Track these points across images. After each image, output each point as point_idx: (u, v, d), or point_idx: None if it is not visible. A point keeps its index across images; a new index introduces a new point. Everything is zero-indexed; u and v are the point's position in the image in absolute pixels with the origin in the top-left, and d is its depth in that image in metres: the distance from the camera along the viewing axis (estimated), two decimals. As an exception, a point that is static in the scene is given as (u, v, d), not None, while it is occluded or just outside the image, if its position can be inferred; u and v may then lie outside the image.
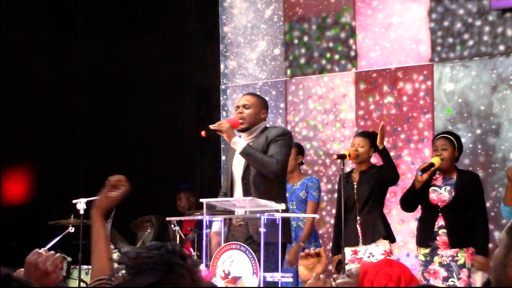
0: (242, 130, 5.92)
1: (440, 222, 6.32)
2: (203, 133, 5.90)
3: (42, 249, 2.68)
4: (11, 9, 10.17)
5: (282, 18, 9.33)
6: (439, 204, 6.36)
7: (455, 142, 6.46)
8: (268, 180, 5.75)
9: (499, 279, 2.41)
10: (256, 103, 5.97)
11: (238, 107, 5.98)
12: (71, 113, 10.63)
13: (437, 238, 6.31)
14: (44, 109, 10.27)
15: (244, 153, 5.73)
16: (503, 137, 8.06)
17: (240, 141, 5.76)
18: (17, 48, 10.16)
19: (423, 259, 6.39)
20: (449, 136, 6.51)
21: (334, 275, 2.93)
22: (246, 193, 5.73)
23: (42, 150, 10.20)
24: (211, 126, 5.78)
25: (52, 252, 2.70)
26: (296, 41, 9.24)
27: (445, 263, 6.28)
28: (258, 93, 9.36)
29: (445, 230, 6.30)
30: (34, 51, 10.37)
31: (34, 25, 10.63)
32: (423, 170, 6.30)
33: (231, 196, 5.83)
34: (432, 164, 6.33)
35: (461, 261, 6.26)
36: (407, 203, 6.62)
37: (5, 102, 9.86)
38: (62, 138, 10.48)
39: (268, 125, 6.13)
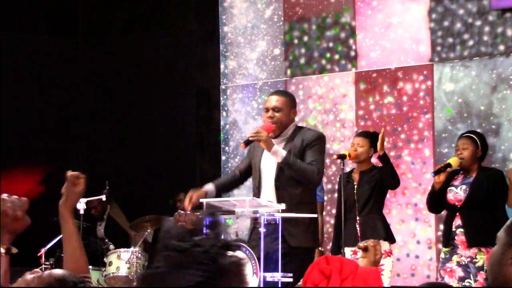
0: (275, 136, 5.74)
1: (458, 221, 6.28)
2: (242, 145, 5.70)
3: (4, 194, 2.64)
4: (11, 9, 10.17)
5: (282, 18, 9.33)
6: (456, 203, 6.33)
7: (477, 140, 6.41)
8: (301, 184, 5.68)
9: (496, 277, 2.41)
10: (286, 104, 5.73)
11: (267, 109, 5.74)
12: (71, 113, 10.63)
13: (456, 238, 6.26)
14: (44, 109, 10.27)
15: (285, 163, 5.59)
16: (503, 137, 8.06)
17: (280, 150, 5.60)
18: (17, 48, 10.16)
19: (443, 256, 6.36)
20: (472, 135, 6.46)
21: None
22: (279, 196, 5.62)
23: (42, 150, 10.21)
24: (250, 137, 5.60)
25: (15, 196, 2.66)
26: (296, 41, 9.24)
27: (463, 263, 6.23)
28: (258, 93, 9.39)
29: (462, 230, 6.26)
30: (34, 51, 10.37)
31: (34, 25, 10.63)
32: (437, 172, 6.27)
33: (259, 195, 5.77)
34: (448, 165, 6.29)
35: (479, 263, 6.20)
36: (431, 205, 6.58)
37: (5, 102, 9.86)
38: (62, 138, 10.48)
39: (298, 124, 6.01)
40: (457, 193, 6.34)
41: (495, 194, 6.28)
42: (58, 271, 2.68)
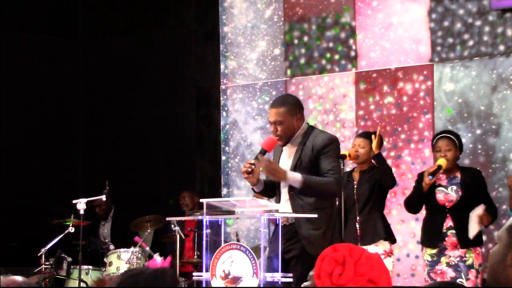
0: (284, 145, 5.72)
1: (449, 223, 6.28)
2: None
3: None
4: (11, 9, 10.17)
5: (282, 18, 9.33)
6: (446, 204, 6.33)
7: (457, 142, 6.46)
8: None
9: (497, 278, 2.40)
10: (286, 114, 5.64)
11: (270, 122, 5.72)
12: (71, 113, 10.63)
13: (446, 239, 6.26)
14: (44, 109, 10.27)
15: (305, 188, 5.51)
16: (503, 137, 8.06)
17: (295, 176, 5.49)
18: (17, 48, 10.16)
19: (430, 259, 6.35)
20: (451, 136, 6.49)
21: (303, 284, 2.92)
22: (294, 203, 5.57)
23: (42, 150, 10.20)
24: (254, 162, 5.52)
25: None
26: (296, 41, 9.24)
27: (453, 263, 6.23)
28: (258, 93, 9.39)
29: (454, 231, 6.25)
30: (34, 51, 10.36)
31: (34, 25, 10.63)
32: (433, 174, 6.29)
33: (278, 202, 5.73)
34: (440, 167, 6.31)
35: (469, 262, 6.22)
36: (413, 206, 6.57)
37: (5, 102, 9.86)
38: (62, 138, 10.48)
39: (307, 123, 5.88)
40: (448, 193, 6.34)
41: (480, 193, 6.38)
42: (15, 278, 2.70)
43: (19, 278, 2.76)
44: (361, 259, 2.71)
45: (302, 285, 2.87)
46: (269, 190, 5.81)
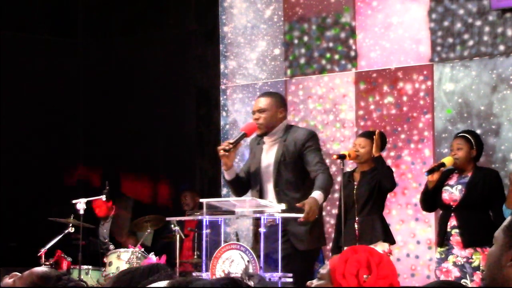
0: (262, 135, 5.83)
1: (453, 222, 6.26)
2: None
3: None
4: (11, 9, 10.17)
5: (282, 18, 9.33)
6: (451, 203, 6.31)
7: (472, 140, 6.38)
8: (301, 186, 5.67)
9: (494, 278, 2.40)
10: (271, 104, 5.84)
11: (254, 112, 5.87)
12: (71, 113, 10.63)
13: (451, 238, 6.25)
14: (44, 109, 10.27)
15: (325, 195, 5.68)
16: (503, 137, 8.06)
17: (319, 196, 5.57)
18: (17, 48, 10.16)
19: (438, 256, 6.34)
20: (466, 135, 6.43)
21: (308, 282, 2.92)
22: (281, 200, 5.64)
23: (42, 150, 10.20)
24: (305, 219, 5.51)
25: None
26: (296, 41, 9.23)
27: (459, 263, 6.21)
28: (258, 93, 9.39)
29: (457, 230, 6.24)
30: (34, 51, 10.36)
31: (34, 25, 10.63)
32: (430, 171, 6.26)
33: (261, 197, 5.75)
34: (442, 164, 6.27)
35: (475, 263, 6.18)
36: (424, 204, 6.56)
37: (5, 102, 9.86)
38: (62, 138, 10.48)
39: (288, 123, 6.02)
40: (452, 193, 6.31)
41: (490, 194, 6.27)
42: (39, 269, 2.73)
43: (44, 268, 2.79)
44: (382, 262, 2.76)
45: (311, 283, 2.86)
46: (240, 185, 5.90)
